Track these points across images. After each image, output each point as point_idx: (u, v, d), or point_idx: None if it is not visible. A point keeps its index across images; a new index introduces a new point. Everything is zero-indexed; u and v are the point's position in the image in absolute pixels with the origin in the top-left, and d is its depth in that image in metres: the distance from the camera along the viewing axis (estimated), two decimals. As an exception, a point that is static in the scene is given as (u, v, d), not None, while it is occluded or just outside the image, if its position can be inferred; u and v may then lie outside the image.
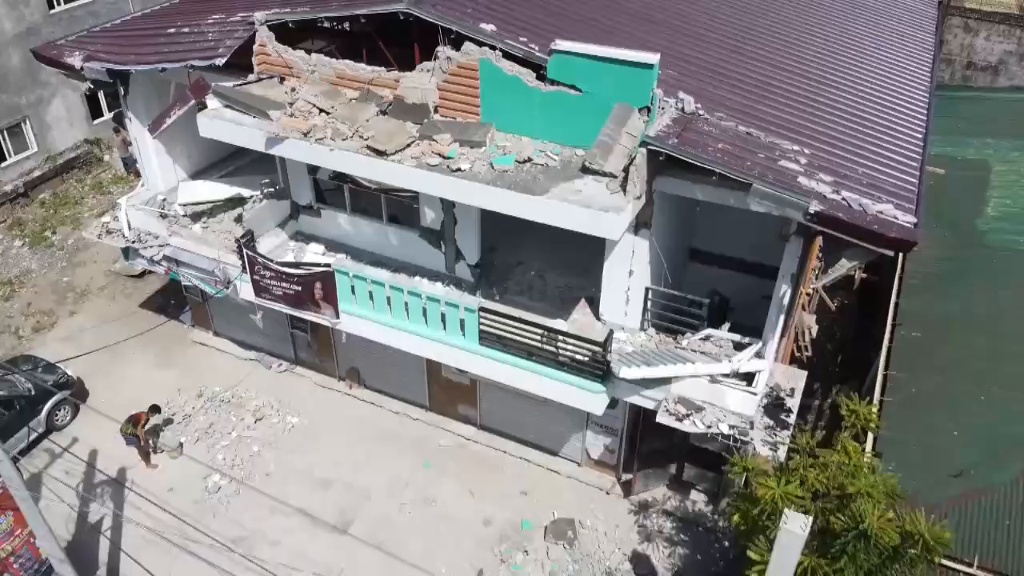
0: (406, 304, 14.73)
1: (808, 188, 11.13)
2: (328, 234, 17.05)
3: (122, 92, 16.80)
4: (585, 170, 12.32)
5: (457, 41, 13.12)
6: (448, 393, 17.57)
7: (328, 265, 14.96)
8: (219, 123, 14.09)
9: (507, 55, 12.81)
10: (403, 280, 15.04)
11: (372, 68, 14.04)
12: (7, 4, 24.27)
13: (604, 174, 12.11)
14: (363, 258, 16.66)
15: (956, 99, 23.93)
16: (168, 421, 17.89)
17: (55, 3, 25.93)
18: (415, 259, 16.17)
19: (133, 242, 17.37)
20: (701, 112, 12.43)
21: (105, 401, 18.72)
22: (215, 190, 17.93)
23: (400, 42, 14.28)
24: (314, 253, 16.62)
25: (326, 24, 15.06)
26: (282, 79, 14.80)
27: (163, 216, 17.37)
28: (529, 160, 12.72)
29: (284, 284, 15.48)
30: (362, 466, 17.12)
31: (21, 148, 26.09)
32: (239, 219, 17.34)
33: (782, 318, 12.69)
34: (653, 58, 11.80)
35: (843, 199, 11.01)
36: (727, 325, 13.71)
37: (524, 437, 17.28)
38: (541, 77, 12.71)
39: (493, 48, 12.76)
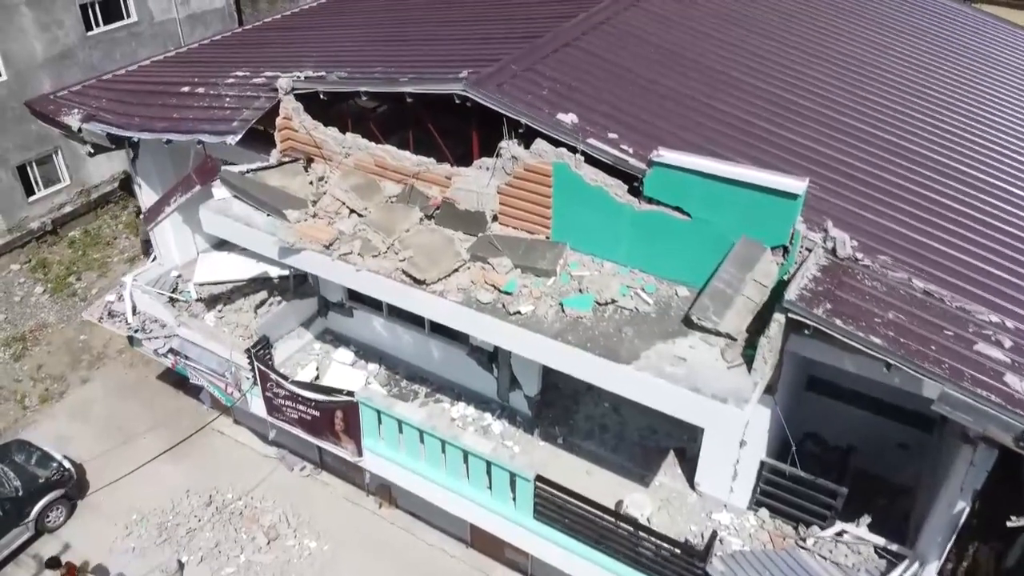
0: (443, 450, 11.72)
1: (1020, 395, 7.64)
2: (360, 337, 14.22)
3: (131, 156, 14.25)
4: (690, 323, 9.09)
5: (527, 134, 10.04)
6: (495, 531, 14.46)
7: (351, 394, 12.04)
8: (223, 220, 11.33)
9: (590, 159, 9.66)
10: (441, 425, 11.87)
11: (419, 159, 11.05)
12: (38, 25, 22.06)
13: (718, 334, 8.88)
14: (399, 368, 13.77)
15: None
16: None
17: (93, 24, 23.62)
18: (461, 379, 13.24)
19: (137, 330, 14.82)
20: (859, 255, 9.00)
21: (105, 498, 16.30)
22: (238, 267, 15.13)
23: (455, 119, 11.24)
24: (340, 362, 13.77)
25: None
26: (309, 161, 11.98)
27: (172, 301, 14.78)
28: (613, 302, 9.53)
29: (300, 407, 12.67)
30: (387, 614, 14.24)
31: (52, 181, 23.88)
32: (260, 306, 14.65)
33: (952, 540, 9.20)
34: (799, 187, 8.45)
35: (1075, 416, 7.49)
36: (866, 519, 10.30)
37: (585, 600, 14.05)
38: (635, 191, 9.52)
39: (572, 150, 9.62)
